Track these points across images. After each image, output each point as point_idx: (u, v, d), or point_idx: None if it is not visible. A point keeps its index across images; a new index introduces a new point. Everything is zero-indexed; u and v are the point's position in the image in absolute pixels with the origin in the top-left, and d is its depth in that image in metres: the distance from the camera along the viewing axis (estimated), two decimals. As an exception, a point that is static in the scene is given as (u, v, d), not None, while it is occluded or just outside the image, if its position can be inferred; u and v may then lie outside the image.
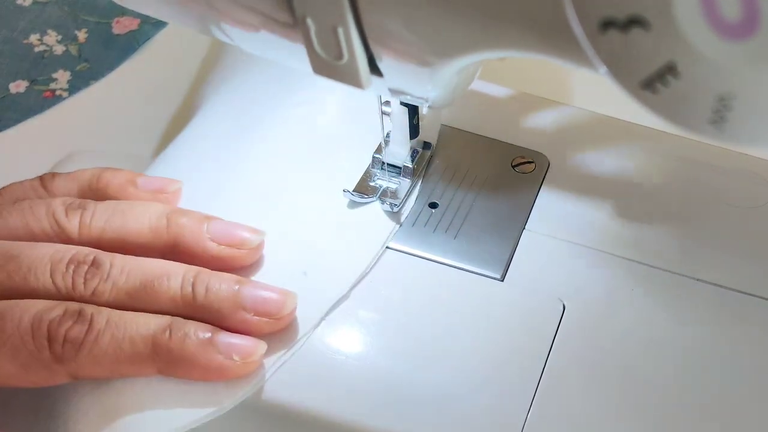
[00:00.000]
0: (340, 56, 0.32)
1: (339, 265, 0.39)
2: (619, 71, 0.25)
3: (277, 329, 0.37)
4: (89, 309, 0.35)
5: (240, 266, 0.39)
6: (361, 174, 0.43)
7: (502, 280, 0.39)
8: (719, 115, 0.25)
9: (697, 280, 0.39)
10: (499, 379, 0.36)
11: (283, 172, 0.43)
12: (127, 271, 0.36)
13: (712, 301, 0.38)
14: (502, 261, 0.40)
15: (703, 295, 0.39)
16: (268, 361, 0.36)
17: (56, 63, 0.59)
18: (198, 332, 0.35)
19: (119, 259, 0.36)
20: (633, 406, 0.35)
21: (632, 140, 0.45)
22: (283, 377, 0.36)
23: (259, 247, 0.39)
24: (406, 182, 0.42)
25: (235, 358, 0.35)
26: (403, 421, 0.35)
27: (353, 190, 0.42)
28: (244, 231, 0.39)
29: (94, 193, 0.41)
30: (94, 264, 0.36)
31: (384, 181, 0.42)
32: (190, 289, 0.36)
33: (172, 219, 0.38)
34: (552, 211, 0.42)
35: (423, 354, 0.37)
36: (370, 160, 0.43)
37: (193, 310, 0.36)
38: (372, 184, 0.42)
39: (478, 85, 0.47)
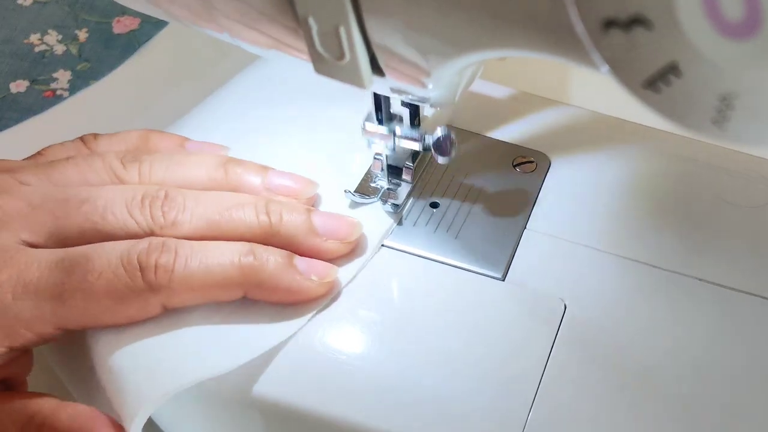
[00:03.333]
0: (341, 56, 0.32)
1: (339, 265, 0.39)
2: (621, 71, 0.25)
3: (346, 252, 0.39)
4: (172, 241, 0.35)
5: None
6: (363, 175, 0.43)
7: (503, 280, 0.39)
8: (721, 115, 0.25)
9: (698, 279, 0.39)
10: (500, 378, 0.36)
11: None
12: (201, 202, 0.37)
13: (712, 301, 0.39)
14: (503, 260, 0.40)
15: (703, 295, 0.39)
16: (258, 346, 0.36)
17: (57, 62, 0.59)
18: (278, 256, 0.36)
19: (190, 192, 0.37)
20: (634, 406, 0.35)
21: (633, 140, 0.45)
22: (283, 377, 0.36)
23: (315, 197, 0.41)
24: (407, 183, 0.42)
25: (314, 278, 0.37)
26: (403, 421, 0.35)
27: (354, 191, 0.42)
28: (300, 182, 0.40)
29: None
30: (168, 198, 0.37)
31: (385, 181, 0.42)
32: (265, 217, 0.37)
33: (230, 169, 0.40)
34: (553, 211, 0.42)
35: (424, 354, 0.37)
36: (371, 161, 0.43)
37: (270, 237, 0.37)
38: (373, 184, 0.42)
39: (479, 85, 0.47)
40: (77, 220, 0.36)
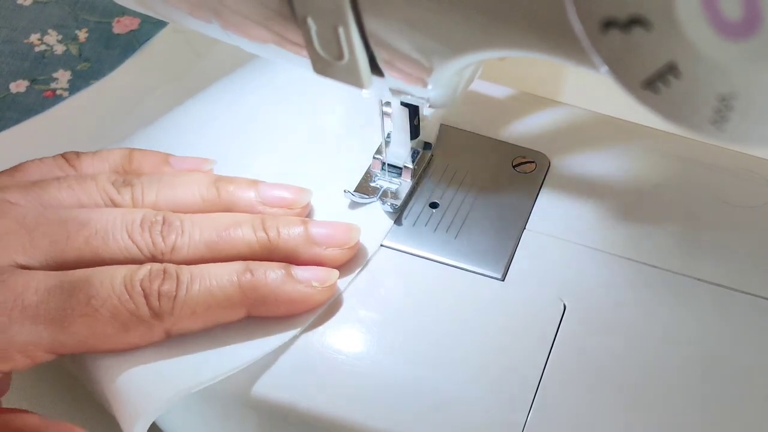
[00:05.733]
0: (340, 56, 0.32)
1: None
2: (620, 71, 0.25)
3: (348, 257, 0.39)
4: (172, 267, 0.36)
5: None
6: (362, 174, 0.43)
7: (503, 280, 0.39)
8: (720, 115, 0.25)
9: (698, 279, 0.39)
10: (500, 378, 0.36)
11: (283, 173, 0.43)
12: (198, 225, 0.37)
13: (712, 301, 0.39)
14: (503, 261, 0.40)
15: (703, 295, 0.39)
16: (260, 349, 0.36)
17: (57, 62, 0.59)
18: (275, 269, 0.36)
19: (186, 216, 0.38)
20: (633, 406, 0.35)
21: (633, 140, 0.45)
22: (283, 377, 0.36)
23: (308, 205, 0.41)
24: (406, 183, 0.42)
25: (315, 284, 0.37)
26: (404, 421, 0.35)
27: (354, 191, 0.42)
28: (292, 192, 0.40)
29: (127, 173, 0.41)
30: (166, 223, 0.37)
31: (385, 181, 0.42)
32: (263, 233, 0.37)
33: (222, 187, 0.40)
34: (552, 211, 0.42)
35: (423, 354, 0.37)
36: (370, 161, 0.43)
37: (270, 252, 0.37)
38: (373, 184, 0.42)
39: (479, 85, 0.47)
40: (77, 243, 0.36)
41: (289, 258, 0.37)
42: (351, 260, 0.39)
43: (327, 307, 0.38)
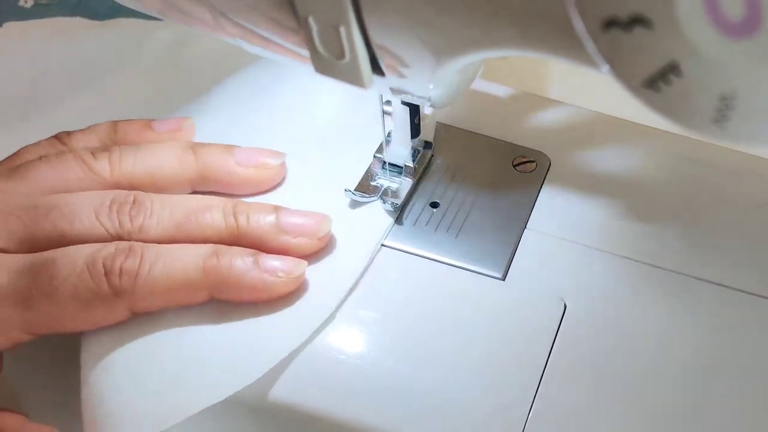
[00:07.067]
0: (341, 56, 0.32)
1: (340, 266, 0.39)
2: (621, 70, 0.25)
3: (317, 248, 0.39)
4: (138, 245, 0.36)
5: (267, 187, 0.42)
6: (363, 173, 0.43)
7: (504, 280, 0.39)
8: (722, 114, 0.25)
9: (698, 279, 0.39)
10: (500, 378, 0.36)
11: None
12: (169, 206, 0.38)
13: (712, 301, 0.39)
14: (504, 260, 0.40)
15: (703, 294, 0.39)
16: (274, 355, 0.36)
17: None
18: (243, 256, 0.36)
19: (158, 197, 0.38)
20: (634, 406, 0.35)
21: (633, 139, 0.45)
22: (283, 377, 0.36)
23: (283, 166, 0.42)
24: (407, 182, 0.42)
25: (280, 274, 0.37)
26: (404, 421, 0.35)
27: (354, 190, 0.42)
28: (266, 155, 0.42)
29: (114, 143, 0.42)
30: (136, 203, 0.37)
31: (385, 180, 0.42)
32: (232, 219, 0.38)
33: (198, 150, 0.41)
34: (553, 211, 0.42)
35: (424, 354, 0.37)
36: (371, 160, 0.43)
37: (237, 238, 0.38)
38: (373, 183, 0.42)
39: (479, 85, 0.47)
40: (46, 226, 0.36)
41: (257, 245, 0.38)
42: (351, 262, 0.39)
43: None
